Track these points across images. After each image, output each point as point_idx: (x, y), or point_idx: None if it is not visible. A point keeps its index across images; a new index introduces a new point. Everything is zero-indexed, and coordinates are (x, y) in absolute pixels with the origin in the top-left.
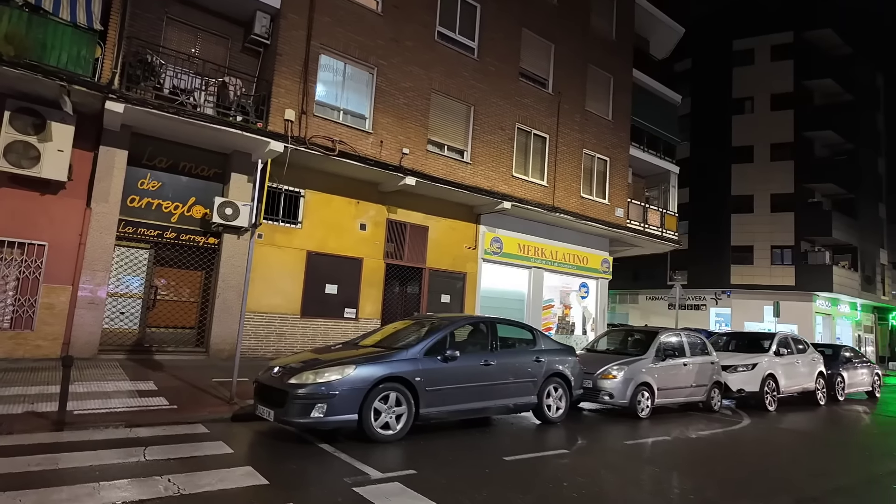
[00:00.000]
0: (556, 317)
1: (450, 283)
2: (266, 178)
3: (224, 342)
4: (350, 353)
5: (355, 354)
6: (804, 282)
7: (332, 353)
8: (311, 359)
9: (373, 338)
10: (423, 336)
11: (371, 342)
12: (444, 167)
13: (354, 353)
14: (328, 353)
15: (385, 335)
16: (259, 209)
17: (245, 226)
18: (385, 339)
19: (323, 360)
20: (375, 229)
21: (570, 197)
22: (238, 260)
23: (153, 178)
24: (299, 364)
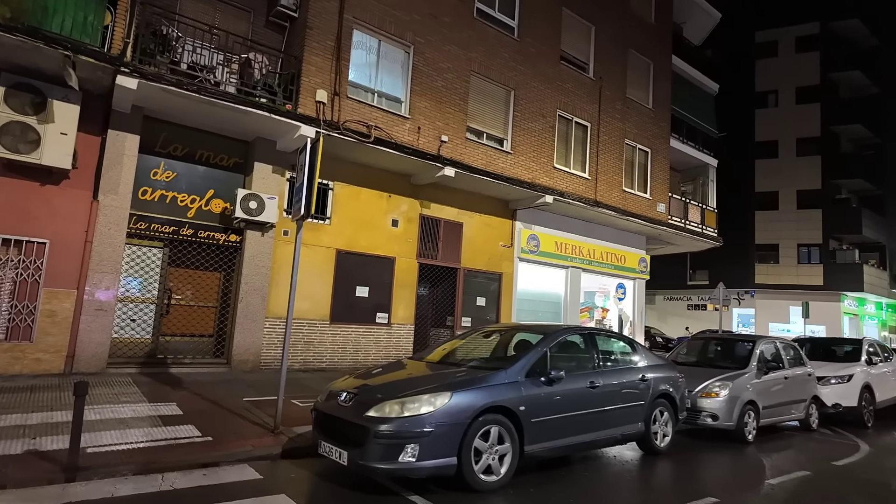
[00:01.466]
0: (594, 321)
1: (485, 284)
2: (318, 158)
3: (248, 352)
4: (431, 374)
5: (440, 375)
6: (833, 281)
7: (400, 373)
8: (387, 381)
9: (437, 353)
10: (518, 352)
11: (436, 357)
12: (483, 157)
13: (438, 374)
14: (396, 371)
15: (452, 349)
16: (310, 197)
17: (271, 221)
18: (454, 354)
19: (401, 382)
20: (408, 225)
21: (613, 191)
22: (262, 260)
23: (167, 167)
24: (372, 387)
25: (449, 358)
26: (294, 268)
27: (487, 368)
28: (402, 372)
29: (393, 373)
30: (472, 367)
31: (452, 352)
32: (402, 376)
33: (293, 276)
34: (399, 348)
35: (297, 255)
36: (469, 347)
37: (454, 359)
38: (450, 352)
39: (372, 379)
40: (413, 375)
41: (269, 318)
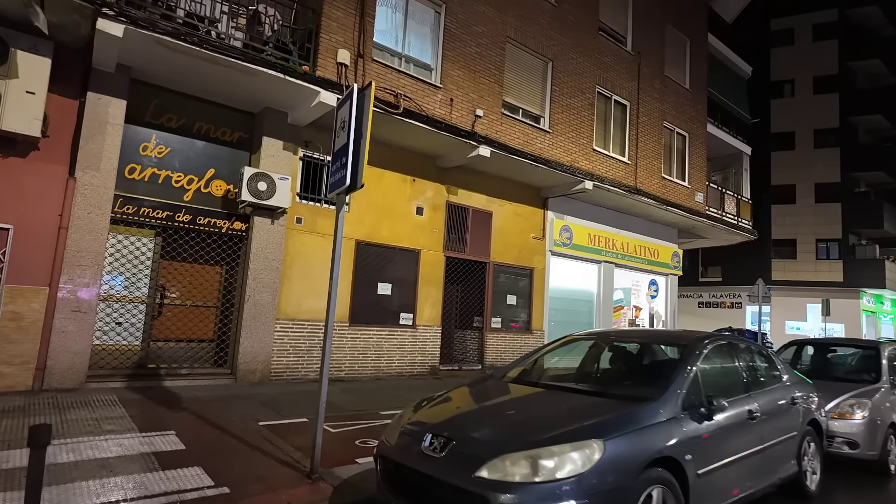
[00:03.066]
0: (627, 320)
1: (515, 281)
2: (369, 109)
3: (255, 360)
4: (545, 404)
5: (565, 408)
6: (853, 278)
7: (499, 402)
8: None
9: (521, 369)
10: (657, 371)
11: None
12: (520, 135)
13: (557, 405)
14: (490, 399)
15: (541, 365)
16: (358, 163)
17: (283, 205)
18: (548, 372)
19: (513, 418)
20: (434, 214)
21: (652, 177)
22: (272, 251)
23: (160, 141)
24: (469, 425)
25: (544, 377)
26: (335, 255)
27: (627, 398)
28: (500, 399)
29: (488, 401)
30: (602, 393)
31: (543, 368)
32: (506, 409)
33: (333, 269)
34: (425, 353)
35: (337, 243)
36: (562, 362)
37: (552, 378)
38: (541, 368)
39: (462, 410)
40: (520, 407)
41: (280, 319)
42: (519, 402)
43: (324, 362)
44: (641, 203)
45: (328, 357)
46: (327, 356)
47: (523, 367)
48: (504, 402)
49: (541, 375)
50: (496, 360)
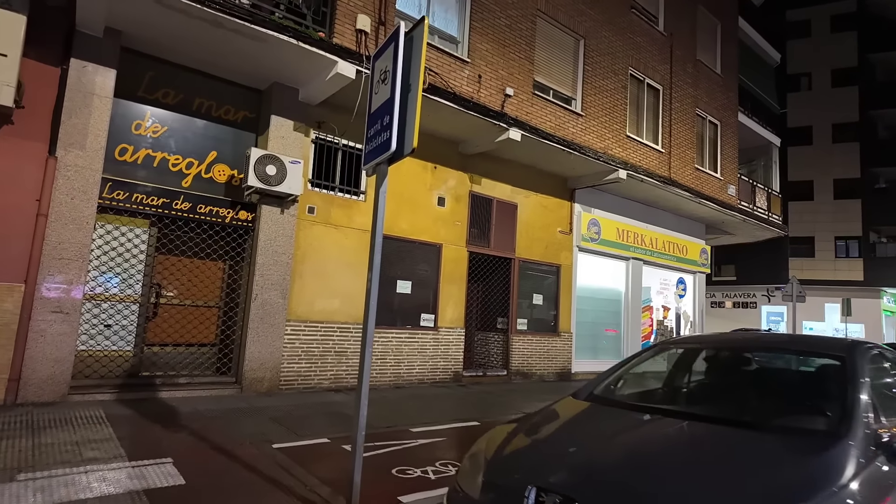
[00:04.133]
0: (655, 321)
1: (541, 279)
2: (422, 55)
3: (263, 367)
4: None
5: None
6: (874, 276)
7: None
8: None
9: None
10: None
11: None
12: (552, 118)
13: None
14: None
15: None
16: (406, 120)
17: (294, 193)
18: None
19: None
20: (456, 205)
21: (685, 168)
22: (282, 244)
23: (155, 118)
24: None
25: (655, 398)
26: (375, 230)
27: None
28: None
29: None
30: (754, 425)
31: (645, 385)
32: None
33: (373, 258)
34: (448, 358)
35: (378, 227)
36: (655, 375)
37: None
38: (641, 385)
39: (568, 451)
40: (653, 447)
41: (290, 321)
42: (646, 439)
43: (362, 377)
44: (674, 195)
45: (367, 372)
46: (366, 370)
47: (616, 382)
48: (624, 438)
49: (648, 395)
50: (522, 365)
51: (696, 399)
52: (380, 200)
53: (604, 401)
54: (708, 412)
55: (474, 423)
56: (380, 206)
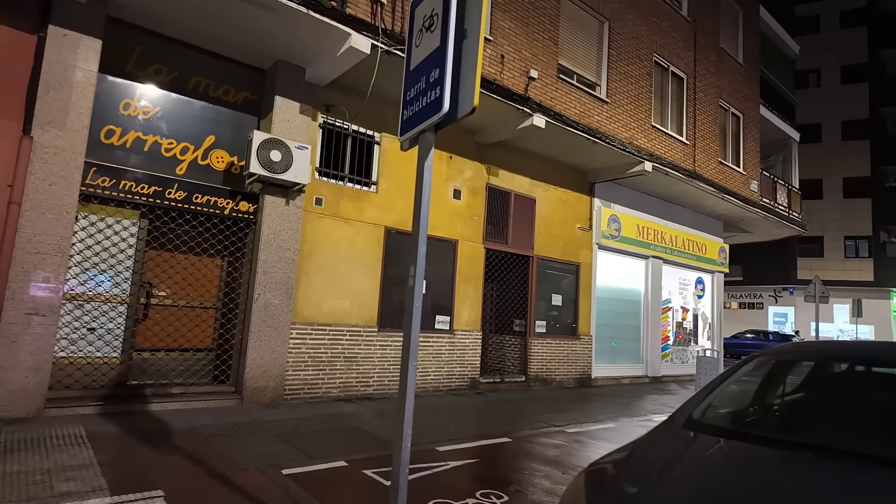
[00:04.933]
0: (674, 323)
1: (560, 278)
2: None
3: (266, 375)
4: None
5: None
6: (884, 276)
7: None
8: None
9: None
10: None
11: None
12: (577, 105)
13: None
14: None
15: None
16: (461, 75)
17: (301, 181)
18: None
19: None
20: (472, 198)
21: (709, 161)
22: (287, 239)
23: (145, 98)
24: None
25: (788, 427)
26: (420, 214)
27: None
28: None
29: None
30: None
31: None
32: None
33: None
34: (464, 363)
35: (423, 208)
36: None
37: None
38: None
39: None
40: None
41: (296, 324)
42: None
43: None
44: (698, 190)
45: (410, 397)
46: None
47: (720, 405)
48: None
49: (762, 420)
50: (541, 370)
51: (828, 425)
52: (425, 178)
53: (712, 430)
54: (854, 446)
55: (504, 440)
56: (425, 185)
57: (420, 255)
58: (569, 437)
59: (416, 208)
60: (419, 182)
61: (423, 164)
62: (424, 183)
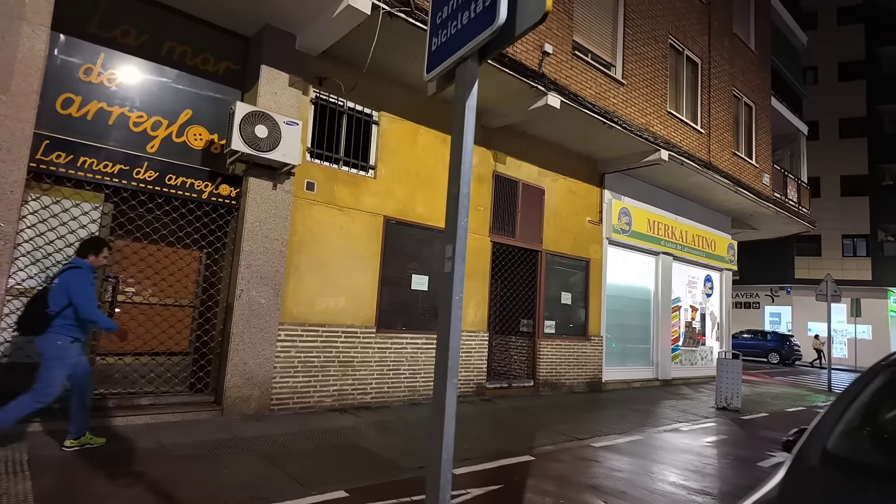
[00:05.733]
0: (683, 323)
1: (569, 274)
2: None
3: (250, 383)
4: None
5: None
6: (882, 276)
7: None
8: None
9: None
10: None
11: None
12: (593, 85)
13: None
14: None
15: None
16: None
17: (289, 161)
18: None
19: None
20: (478, 187)
21: (724, 152)
22: (274, 228)
23: (110, 63)
24: None
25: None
26: (460, 174)
27: None
28: None
29: None
30: None
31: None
32: None
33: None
34: (470, 367)
35: (465, 156)
36: None
37: None
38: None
39: None
40: None
41: (285, 324)
42: None
43: (442, 444)
44: (711, 183)
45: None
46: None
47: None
48: None
49: None
50: (551, 374)
51: None
52: (466, 124)
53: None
54: None
55: (527, 458)
56: (466, 133)
57: (461, 228)
58: (597, 452)
59: (455, 165)
60: (459, 130)
61: (463, 104)
62: (466, 131)
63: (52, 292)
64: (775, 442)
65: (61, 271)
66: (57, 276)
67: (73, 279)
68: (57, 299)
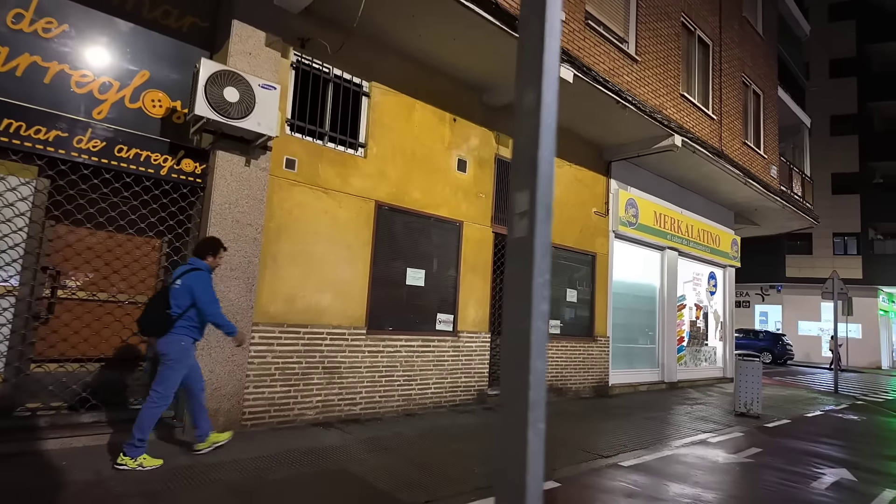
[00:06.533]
0: (688, 322)
1: (574, 269)
2: None
3: (217, 394)
4: None
5: None
6: (872, 274)
7: None
8: None
9: None
10: None
11: None
12: (606, 60)
13: None
14: None
15: None
16: None
17: (265, 132)
18: None
19: None
20: (479, 172)
21: (734, 140)
22: (247, 211)
23: (47, 8)
24: None
25: None
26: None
27: None
28: None
29: None
30: None
31: None
32: None
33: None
34: (471, 372)
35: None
36: None
37: None
38: None
39: None
40: None
41: (259, 325)
42: None
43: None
44: (720, 174)
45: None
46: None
47: None
48: None
49: None
50: (556, 378)
51: None
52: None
53: None
54: None
55: (552, 485)
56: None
57: (544, 159)
58: (628, 474)
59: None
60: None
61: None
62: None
63: (173, 293)
64: (815, 455)
65: (183, 272)
66: (179, 277)
67: (198, 281)
68: (180, 301)
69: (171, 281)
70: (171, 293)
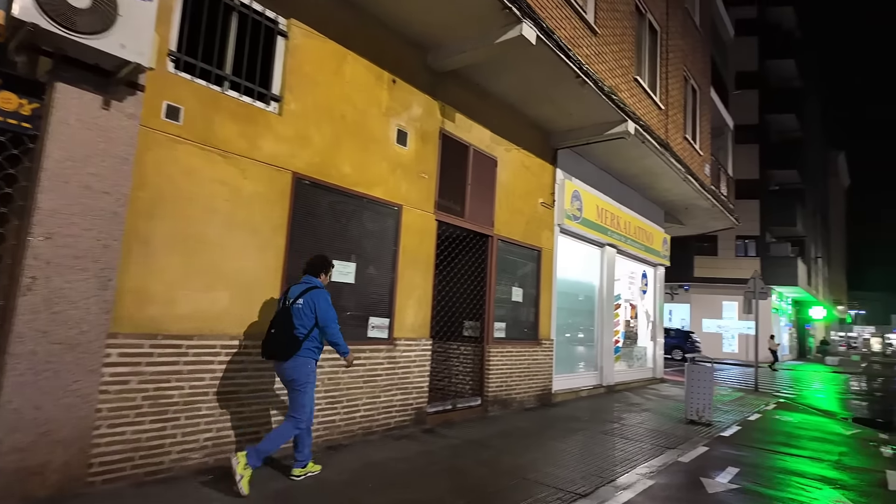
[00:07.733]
0: (623, 321)
1: (520, 265)
2: None
3: (48, 438)
4: None
5: None
6: (769, 275)
7: None
8: None
9: None
10: None
11: None
12: (568, 26)
13: None
14: None
15: None
16: None
17: (131, 59)
18: None
19: None
20: (422, 147)
21: (678, 133)
22: (104, 171)
23: None
24: None
25: None
26: None
27: None
28: None
29: None
30: None
31: None
32: None
33: None
34: (408, 388)
35: None
36: None
37: None
38: None
39: None
40: None
41: (119, 335)
42: None
43: None
44: (660, 169)
45: None
46: None
47: None
48: None
49: None
50: (501, 389)
51: None
52: None
53: None
54: None
55: None
56: None
57: None
58: None
59: None
60: None
61: None
62: None
63: (296, 313)
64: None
65: (302, 292)
66: (299, 297)
67: (321, 300)
68: (304, 320)
69: (291, 301)
70: (293, 313)
